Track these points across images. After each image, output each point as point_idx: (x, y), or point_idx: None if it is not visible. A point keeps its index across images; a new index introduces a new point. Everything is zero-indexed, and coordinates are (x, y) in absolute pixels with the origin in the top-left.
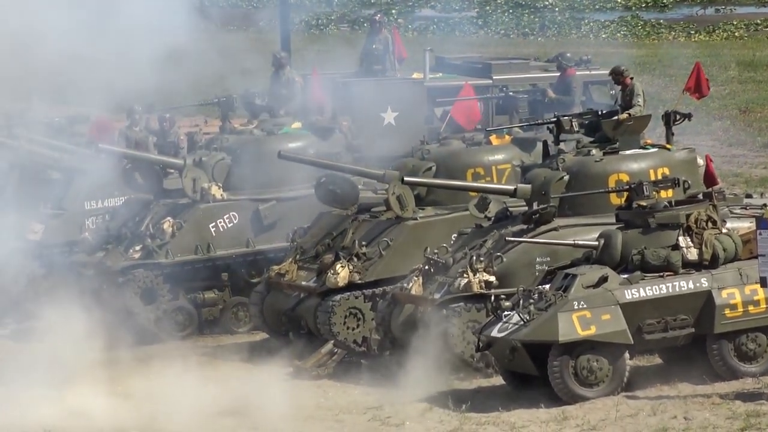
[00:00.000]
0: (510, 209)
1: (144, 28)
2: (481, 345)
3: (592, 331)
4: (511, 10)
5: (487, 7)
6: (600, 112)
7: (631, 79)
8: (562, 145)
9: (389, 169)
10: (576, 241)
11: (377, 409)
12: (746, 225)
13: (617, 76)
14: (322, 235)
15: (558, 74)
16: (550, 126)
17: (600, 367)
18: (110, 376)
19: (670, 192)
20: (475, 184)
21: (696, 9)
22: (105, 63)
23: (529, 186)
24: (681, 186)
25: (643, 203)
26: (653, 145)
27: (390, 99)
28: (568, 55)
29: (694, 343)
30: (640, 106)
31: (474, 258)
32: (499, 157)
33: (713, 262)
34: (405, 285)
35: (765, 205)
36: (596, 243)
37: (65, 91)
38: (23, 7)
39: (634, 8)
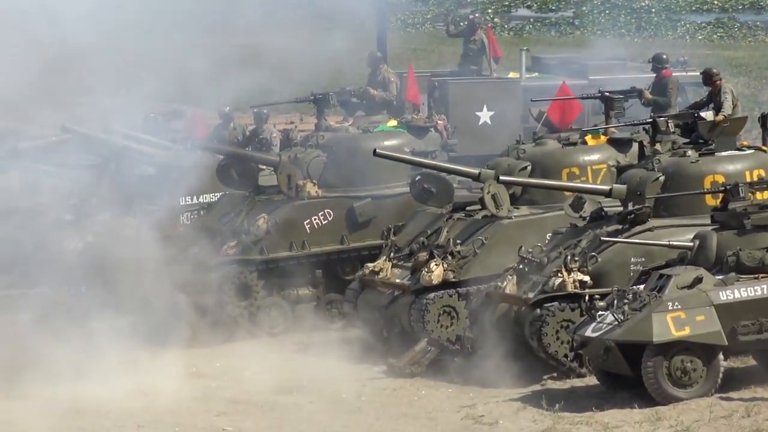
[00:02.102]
0: (605, 209)
1: (239, 25)
2: (575, 345)
3: (687, 331)
4: (607, 11)
5: (584, 7)
6: (696, 114)
7: (720, 81)
8: (657, 146)
9: (484, 167)
10: (671, 242)
11: (470, 408)
12: None
13: (708, 78)
14: (417, 233)
15: (654, 75)
16: (646, 127)
17: (694, 368)
18: (197, 368)
19: (765, 194)
20: (570, 184)
21: None
22: (200, 59)
23: (624, 186)
24: None
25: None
26: (749, 147)
27: (486, 98)
28: (664, 56)
29: None
30: (729, 105)
31: (568, 257)
32: (594, 157)
33: None
34: (499, 284)
35: None
36: (691, 244)
37: (162, 86)
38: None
39: (730, 10)
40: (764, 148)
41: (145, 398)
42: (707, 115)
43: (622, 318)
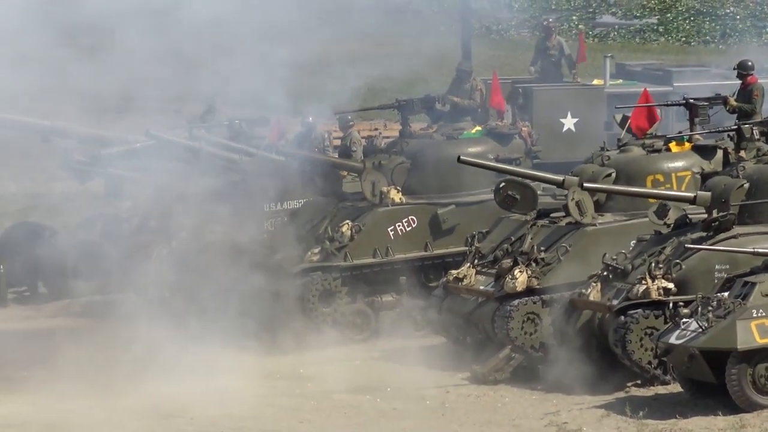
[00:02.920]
0: (689, 216)
1: (323, 32)
2: (659, 352)
3: None
4: (692, 18)
5: (668, 14)
6: None
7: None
8: (742, 153)
9: (569, 174)
10: (756, 249)
11: (554, 415)
12: None
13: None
14: (501, 240)
15: (739, 82)
16: (731, 134)
17: None
18: (281, 374)
19: None
20: (654, 191)
21: None
22: (284, 66)
23: (708, 193)
24: None
25: None
26: None
27: (570, 105)
28: (749, 63)
29: None
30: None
31: (653, 265)
32: (679, 164)
33: None
34: (583, 291)
35: None
36: None
37: (247, 94)
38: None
39: None
40: None
41: (229, 404)
42: None
43: (706, 325)
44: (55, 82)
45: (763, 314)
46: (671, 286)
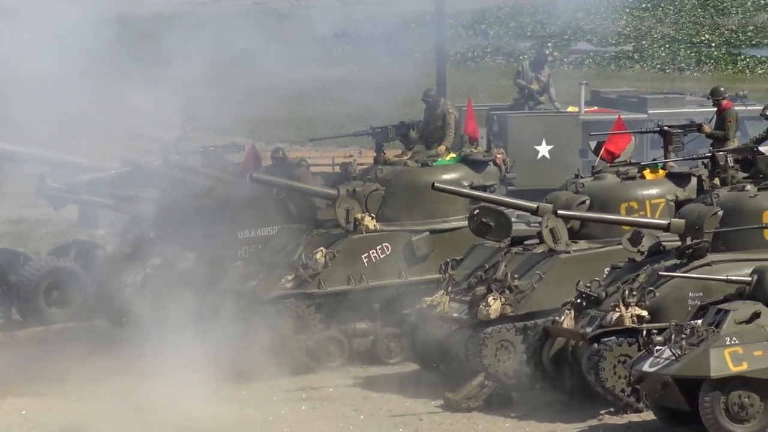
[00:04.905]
0: (663, 244)
1: (296, 59)
2: (632, 379)
3: (744, 367)
4: (667, 45)
5: (643, 42)
6: (755, 148)
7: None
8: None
9: (543, 201)
10: (729, 277)
11: None
12: None
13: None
14: (475, 267)
15: (715, 109)
16: (705, 161)
17: (752, 403)
18: (254, 402)
19: None
20: (628, 218)
21: None
22: (257, 93)
23: (682, 221)
24: None
25: None
26: None
27: (545, 132)
28: (722, 89)
29: None
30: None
31: (626, 292)
32: (653, 191)
33: None
34: (557, 318)
35: None
36: (749, 278)
37: (220, 120)
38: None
39: None
40: None
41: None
42: (766, 149)
43: (679, 353)
44: (29, 107)
45: (737, 342)
46: (645, 313)
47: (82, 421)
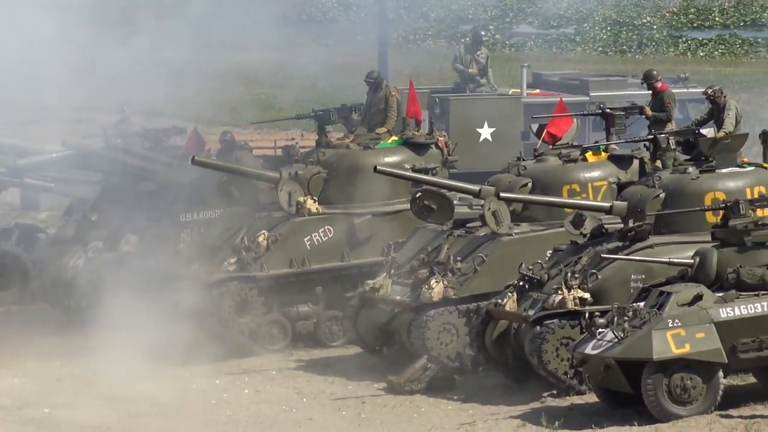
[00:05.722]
0: (605, 226)
1: (239, 41)
2: (574, 362)
3: (687, 349)
4: (609, 27)
5: (585, 24)
6: (696, 130)
7: (725, 97)
8: (658, 163)
9: (485, 184)
10: (671, 259)
11: (470, 425)
12: None
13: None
14: (417, 250)
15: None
16: (647, 143)
17: (694, 385)
18: (197, 386)
19: (766, 211)
20: (570, 201)
21: None
22: (201, 76)
23: (625, 203)
24: None
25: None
26: (750, 164)
27: (487, 114)
28: (654, 72)
29: None
30: (732, 122)
31: (569, 275)
32: (595, 174)
33: None
34: (499, 301)
35: None
36: (691, 261)
37: (160, 103)
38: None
39: (732, 27)
40: (765, 165)
41: (144, 415)
42: (708, 131)
43: (622, 335)
44: None
45: (679, 324)
46: (587, 296)
47: (36, 397)
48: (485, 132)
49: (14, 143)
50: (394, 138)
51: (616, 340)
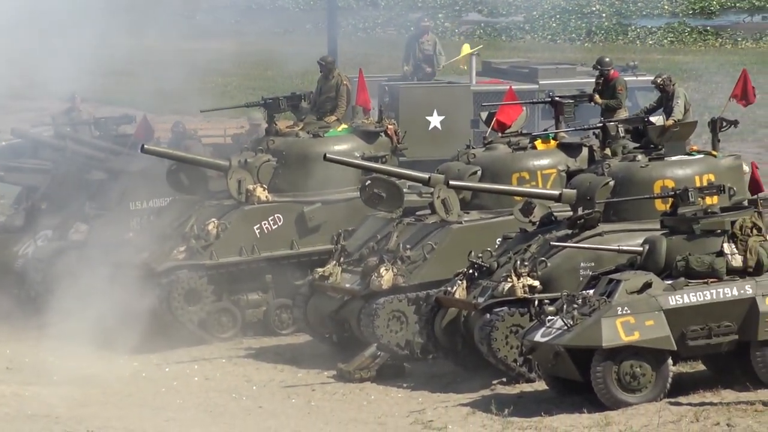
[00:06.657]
0: (555, 214)
1: (190, 29)
2: (524, 350)
3: (636, 336)
4: (557, 16)
5: (534, 12)
6: (645, 118)
7: (674, 85)
8: (607, 151)
9: (434, 172)
10: (620, 247)
11: (420, 413)
12: None
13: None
14: (367, 238)
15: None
16: (596, 131)
17: (643, 372)
18: (147, 374)
19: (715, 198)
20: (520, 189)
21: (743, 17)
22: (149, 64)
23: (574, 191)
24: (726, 193)
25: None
26: (699, 152)
27: (436, 103)
28: (607, 59)
29: (738, 350)
30: (681, 110)
31: (518, 262)
32: (544, 161)
33: (758, 269)
34: (449, 289)
35: None
36: (641, 249)
37: (110, 91)
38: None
39: (681, 15)
40: (714, 152)
41: (94, 403)
42: (657, 119)
43: (571, 323)
44: None
45: (628, 312)
46: (536, 283)
47: None
48: (435, 120)
49: None
50: (344, 126)
51: (566, 327)
